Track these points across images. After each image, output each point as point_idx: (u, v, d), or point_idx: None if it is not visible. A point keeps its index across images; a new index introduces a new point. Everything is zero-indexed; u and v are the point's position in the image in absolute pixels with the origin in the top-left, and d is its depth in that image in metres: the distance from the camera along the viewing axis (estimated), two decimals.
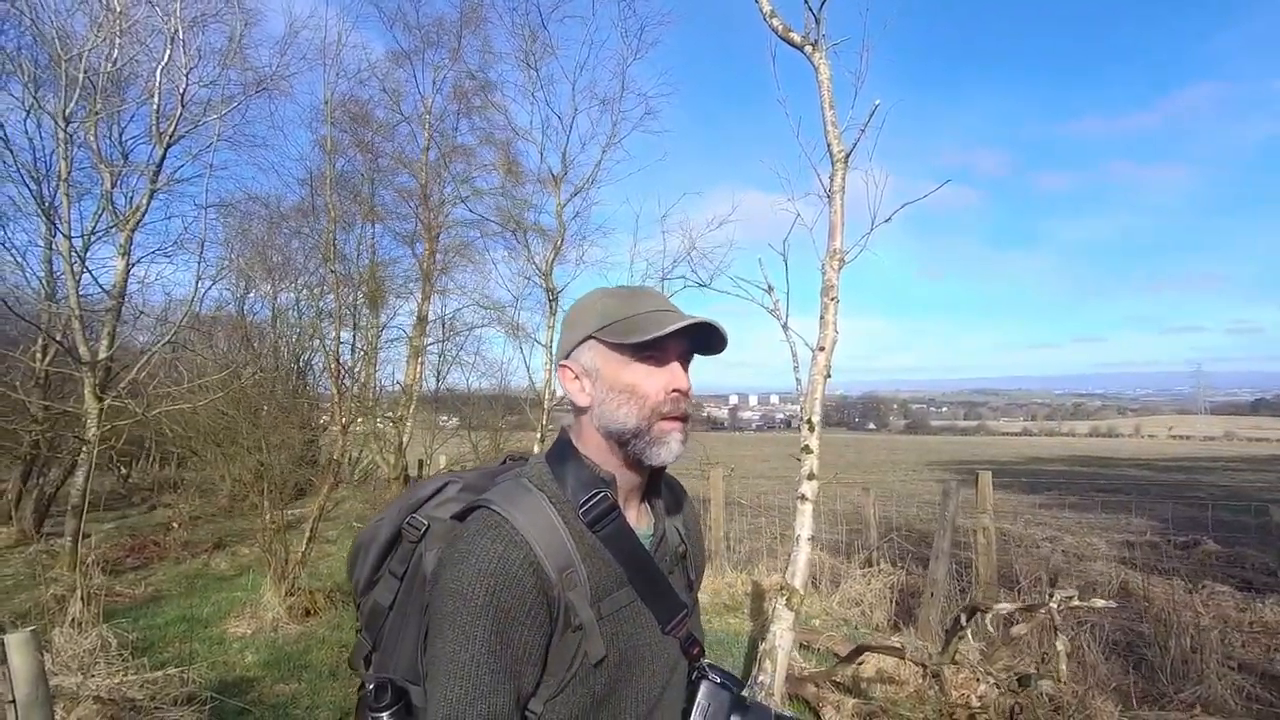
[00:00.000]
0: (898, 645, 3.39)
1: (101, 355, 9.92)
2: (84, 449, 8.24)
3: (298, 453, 11.88)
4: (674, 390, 0.99)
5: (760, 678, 3.12)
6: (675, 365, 1.00)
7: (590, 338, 1.00)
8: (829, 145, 3.90)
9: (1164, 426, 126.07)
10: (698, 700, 1.03)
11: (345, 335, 13.58)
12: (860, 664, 3.93)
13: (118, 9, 11.10)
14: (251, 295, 15.49)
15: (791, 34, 4.15)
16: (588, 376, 1.01)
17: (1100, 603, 2.43)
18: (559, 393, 7.46)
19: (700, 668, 1.07)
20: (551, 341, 6.79)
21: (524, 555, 0.88)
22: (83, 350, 8.54)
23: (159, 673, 4.63)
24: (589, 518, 0.96)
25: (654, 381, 0.99)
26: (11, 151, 10.45)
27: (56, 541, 9.94)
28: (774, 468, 27.99)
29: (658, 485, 1.10)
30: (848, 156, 3.84)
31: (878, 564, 5.84)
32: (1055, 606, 2.37)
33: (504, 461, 1.17)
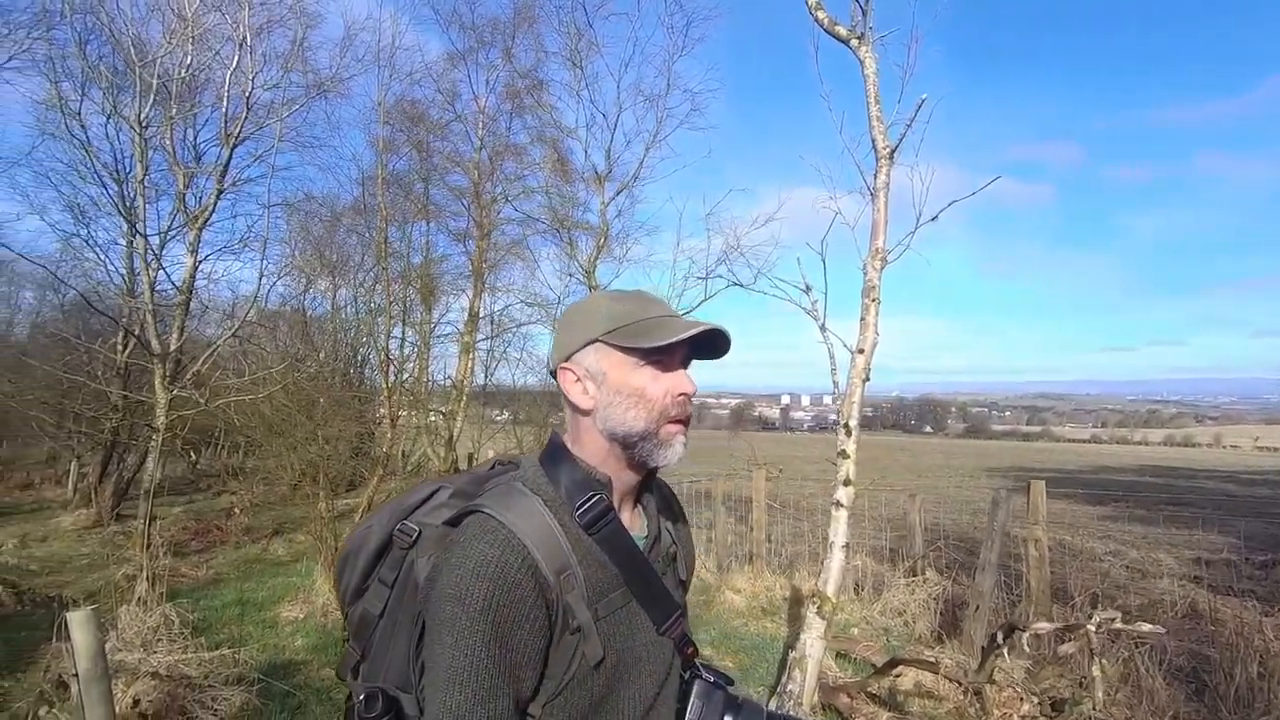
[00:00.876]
0: (933, 660, 3.28)
1: (172, 348, 10.44)
2: (153, 437, 8.69)
3: (353, 445, 12.26)
4: (680, 394, 1.01)
5: (789, 686, 3.06)
6: (680, 369, 1.02)
7: (596, 341, 1.00)
8: (874, 141, 3.80)
9: (1249, 437, 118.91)
10: (691, 700, 1.03)
11: (400, 331, 13.94)
12: (897, 676, 3.83)
13: (190, 17, 11.66)
14: (311, 292, 16.05)
15: (838, 27, 4.05)
16: (591, 379, 1.01)
17: (1147, 627, 2.29)
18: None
19: (694, 667, 1.08)
20: None
21: (521, 559, 0.88)
22: (154, 343, 9.00)
23: (214, 653, 4.84)
24: (585, 520, 0.96)
25: (661, 385, 1.00)
26: (92, 154, 11.08)
27: (130, 524, 10.49)
28: (823, 470, 27.42)
29: (650, 486, 1.11)
30: (893, 152, 3.73)
31: (923, 573, 5.67)
32: (1094, 629, 2.25)
33: (493, 466, 1.14)
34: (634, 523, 1.07)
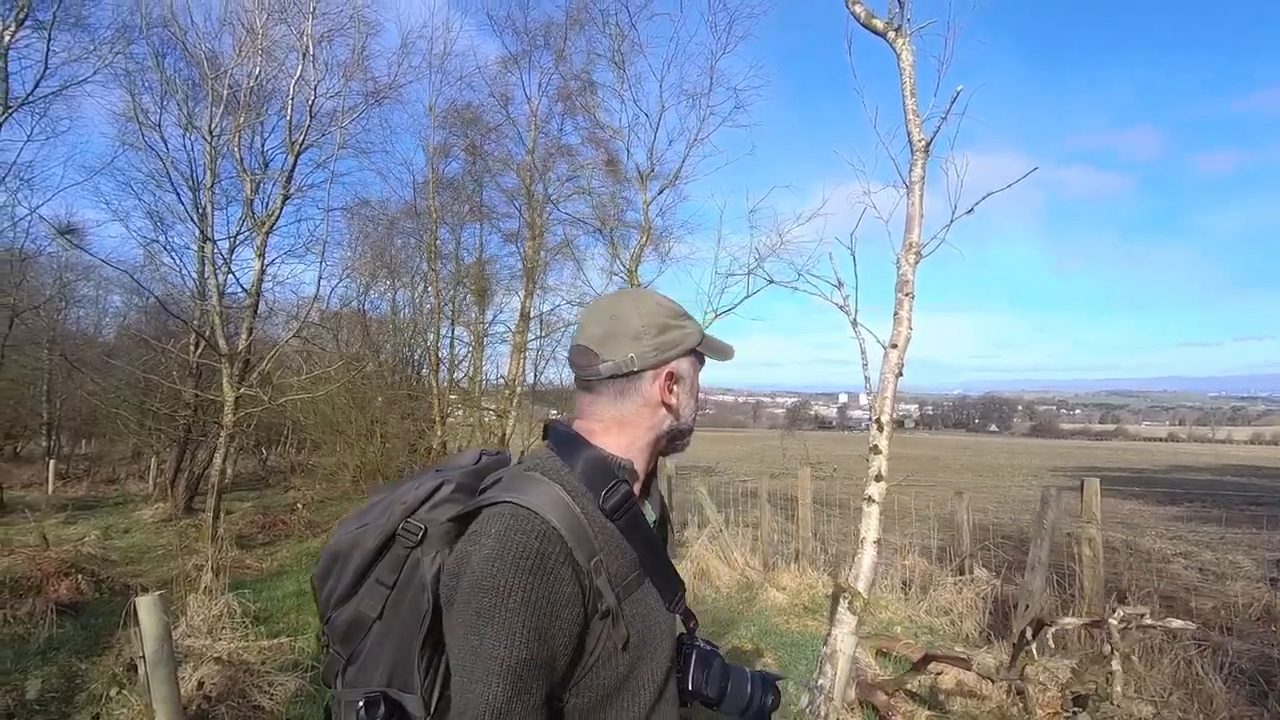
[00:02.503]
0: (965, 656, 3.21)
1: (240, 348, 10.95)
2: (220, 434, 9.15)
3: (409, 442, 12.65)
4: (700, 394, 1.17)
5: (820, 680, 3.06)
6: None
7: (694, 350, 1.11)
8: (909, 134, 3.74)
9: None
10: (692, 667, 1.12)
11: (455, 331, 14.26)
12: (939, 674, 3.76)
13: (259, 29, 12.19)
14: (371, 293, 16.59)
15: (874, 20, 4.00)
16: (680, 383, 1.09)
17: (1176, 623, 2.20)
18: None
19: (691, 638, 1.15)
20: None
21: (559, 548, 0.90)
22: (221, 344, 9.48)
23: (273, 641, 5.09)
24: (609, 505, 1.00)
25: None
26: (169, 164, 11.70)
27: (202, 517, 11.05)
28: None
29: (654, 472, 1.19)
30: (928, 145, 3.66)
31: (970, 572, 5.53)
32: (1115, 623, 2.17)
33: (479, 458, 1.15)
34: (643, 506, 1.11)
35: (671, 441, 1.13)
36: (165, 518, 12.15)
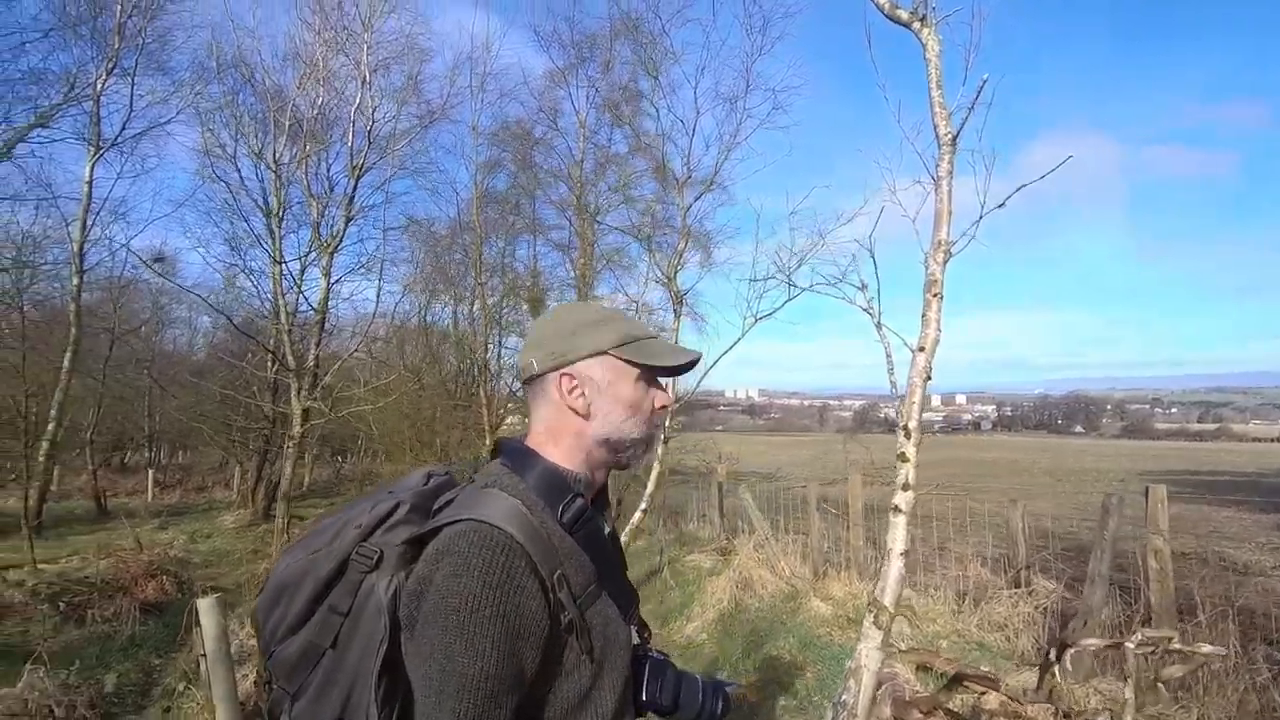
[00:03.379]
0: (993, 676, 3.06)
1: (309, 363, 11.51)
2: (289, 444, 9.65)
3: (468, 449, 12.98)
4: (661, 406, 1.12)
5: (843, 696, 2.96)
6: (658, 386, 1.13)
7: (605, 353, 1.07)
8: (936, 128, 3.61)
9: None
10: (645, 677, 1.14)
11: (512, 341, 14.56)
12: (982, 694, 3.60)
13: (320, 63, 12.83)
14: (434, 306, 17.15)
15: (899, 11, 3.88)
16: (591, 386, 1.07)
17: (1207, 649, 2.02)
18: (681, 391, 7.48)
19: (645, 648, 1.17)
20: (675, 344, 6.82)
21: (524, 562, 0.91)
22: (289, 359, 10.00)
23: None
24: (566, 520, 1.01)
25: (649, 399, 1.11)
26: (242, 194, 12.41)
27: (277, 522, 11.63)
28: (953, 474, 25.96)
29: (606, 485, 1.19)
30: (955, 139, 3.53)
31: (1027, 584, 5.26)
32: (1133, 647, 2.01)
33: (428, 479, 1.13)
34: (602, 518, 1.13)
35: (611, 452, 1.09)
36: (245, 523, 12.88)
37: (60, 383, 12.26)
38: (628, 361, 1.08)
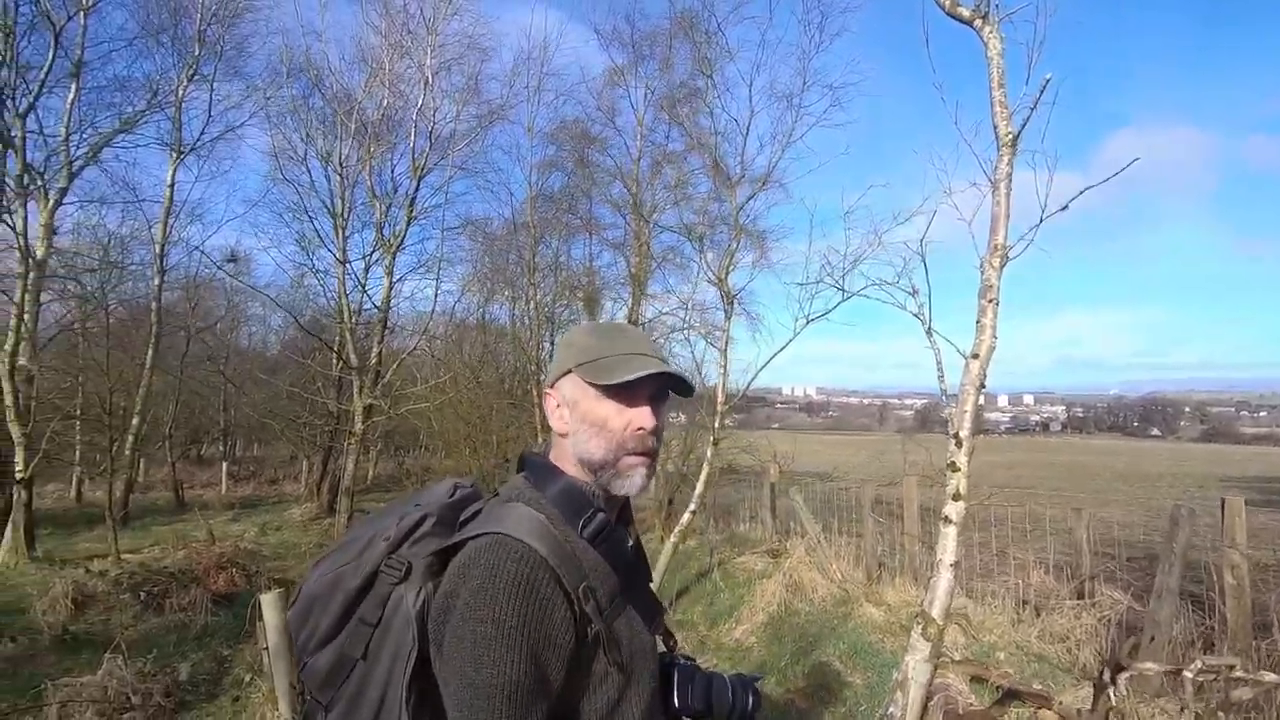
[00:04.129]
0: (1045, 693, 2.96)
1: (372, 361, 11.91)
2: (351, 440, 10.01)
3: (521, 448, 13.21)
4: (639, 428, 1.05)
5: (890, 709, 2.93)
6: (644, 405, 1.06)
7: (571, 371, 1.07)
8: (995, 128, 3.52)
9: None
10: (675, 682, 1.18)
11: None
12: (1038, 709, 3.50)
13: (387, 66, 13.22)
14: (492, 305, 17.49)
15: (960, 8, 3.80)
16: (567, 406, 1.08)
17: (1270, 677, 1.91)
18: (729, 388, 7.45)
19: (672, 655, 1.21)
20: (726, 345, 6.82)
21: (549, 575, 0.92)
22: (352, 357, 10.37)
23: None
24: (589, 534, 1.03)
25: (623, 418, 1.05)
26: (311, 195, 12.86)
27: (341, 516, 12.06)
28: (1018, 476, 25.05)
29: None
30: (1015, 139, 3.43)
31: (1091, 595, 5.06)
32: (1191, 675, 1.92)
33: (454, 490, 1.17)
34: (626, 532, 1.14)
35: (590, 473, 1.07)
36: (311, 516, 13.40)
37: (142, 379, 12.98)
38: (588, 381, 1.05)
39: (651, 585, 1.21)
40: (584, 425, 1.06)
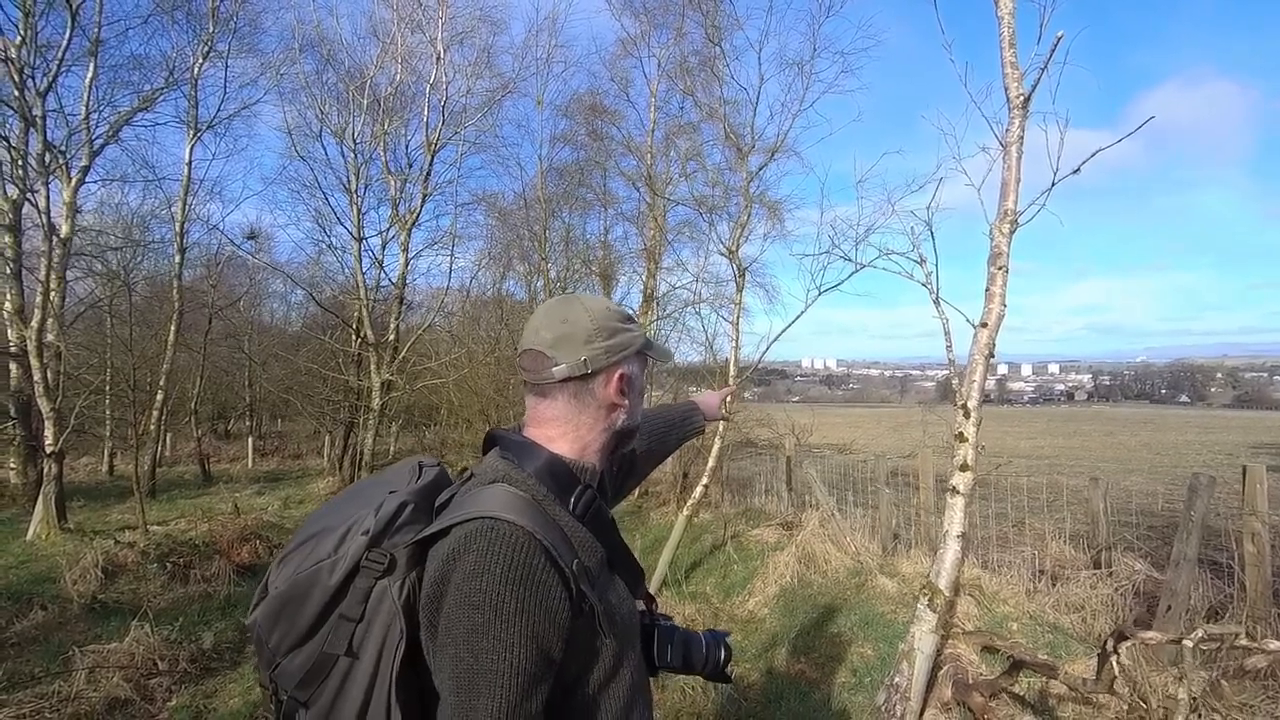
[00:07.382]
0: (1050, 663, 2.94)
1: (390, 337, 11.99)
2: (368, 415, 10.13)
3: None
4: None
5: (895, 678, 2.93)
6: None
7: (640, 351, 1.16)
8: (1006, 90, 3.40)
9: None
10: (656, 641, 1.24)
11: None
12: (1048, 680, 3.48)
13: (399, 40, 13.12)
14: (508, 279, 17.48)
15: None
16: (627, 382, 1.13)
17: (1275, 644, 1.86)
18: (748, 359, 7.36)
19: (652, 616, 1.25)
20: (738, 317, 6.75)
21: (544, 558, 0.91)
22: (369, 334, 10.45)
23: None
24: (578, 510, 1.04)
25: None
26: (323, 172, 12.88)
27: None
28: (1038, 446, 24.79)
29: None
30: (1026, 101, 3.31)
31: (1108, 565, 5.00)
32: (1190, 644, 1.88)
33: (419, 470, 1.13)
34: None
35: (622, 440, 1.17)
36: (333, 490, 13.61)
37: (166, 354, 13.20)
38: (650, 359, 1.20)
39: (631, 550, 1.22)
40: (638, 398, 1.17)
